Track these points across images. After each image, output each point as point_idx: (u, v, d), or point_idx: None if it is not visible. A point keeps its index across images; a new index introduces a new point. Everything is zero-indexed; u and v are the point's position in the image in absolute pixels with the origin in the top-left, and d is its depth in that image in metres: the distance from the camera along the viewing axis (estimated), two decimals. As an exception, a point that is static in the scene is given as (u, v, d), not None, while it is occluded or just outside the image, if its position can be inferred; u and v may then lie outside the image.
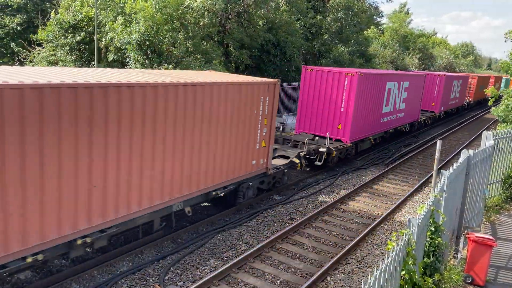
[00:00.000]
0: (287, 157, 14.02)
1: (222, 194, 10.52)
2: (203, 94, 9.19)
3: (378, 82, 17.82)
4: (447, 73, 31.62)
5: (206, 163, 9.74)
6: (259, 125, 11.36)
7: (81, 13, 19.01)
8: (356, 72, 15.87)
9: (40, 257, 6.65)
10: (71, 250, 7.26)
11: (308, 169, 15.38)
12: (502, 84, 52.05)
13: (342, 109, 15.94)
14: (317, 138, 15.90)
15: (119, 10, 17.60)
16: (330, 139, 16.00)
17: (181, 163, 9.01)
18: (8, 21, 31.24)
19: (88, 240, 7.34)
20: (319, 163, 14.83)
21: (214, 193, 10.25)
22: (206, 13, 18.61)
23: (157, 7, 15.67)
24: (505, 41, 17.02)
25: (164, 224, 9.43)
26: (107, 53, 18.00)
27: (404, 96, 21.46)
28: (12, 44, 22.56)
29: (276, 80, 11.82)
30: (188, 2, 17.60)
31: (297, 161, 13.98)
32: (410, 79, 21.77)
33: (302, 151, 14.49)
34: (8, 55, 31.22)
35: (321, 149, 14.98)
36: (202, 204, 11.42)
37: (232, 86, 10.02)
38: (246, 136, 10.95)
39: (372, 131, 18.31)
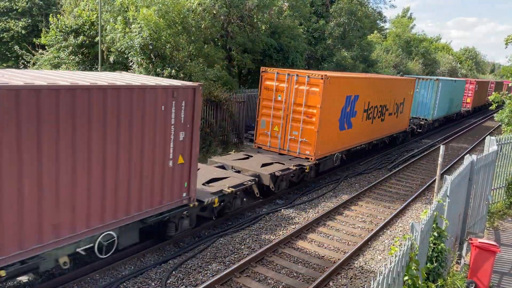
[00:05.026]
0: None
1: None
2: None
3: None
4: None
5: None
6: None
7: (82, 18, 19.10)
8: None
9: None
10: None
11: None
12: None
13: None
14: None
15: (119, 12, 17.66)
16: None
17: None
18: (12, 24, 31.42)
19: None
20: None
21: None
22: (207, 15, 18.66)
23: (160, 14, 15.74)
24: (506, 47, 17.04)
25: None
26: (109, 55, 18.07)
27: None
28: (16, 48, 22.63)
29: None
30: (189, 5, 17.67)
31: None
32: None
33: None
34: (13, 59, 31.38)
35: None
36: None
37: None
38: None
39: None
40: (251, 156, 13.83)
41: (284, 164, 13.28)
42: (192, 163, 9.14)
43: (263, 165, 12.98)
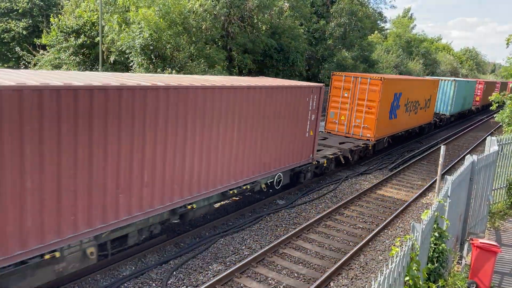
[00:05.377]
0: None
1: None
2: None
3: None
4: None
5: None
6: None
7: (82, 19, 19.09)
8: None
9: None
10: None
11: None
12: None
13: None
14: None
15: (118, 11, 17.67)
16: None
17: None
18: (13, 25, 31.44)
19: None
20: None
21: None
22: (208, 16, 18.69)
23: (160, 14, 15.76)
24: (507, 47, 17.05)
25: None
26: (109, 55, 18.09)
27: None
28: (17, 49, 22.68)
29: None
30: (190, 6, 17.69)
31: None
32: None
33: None
34: (14, 60, 31.39)
35: None
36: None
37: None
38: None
39: None
40: (327, 138, 18.11)
41: (353, 143, 17.52)
42: (316, 135, 13.81)
43: (340, 143, 17.22)
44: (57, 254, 6.64)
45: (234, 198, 12.25)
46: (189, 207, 9.16)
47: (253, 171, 11.14)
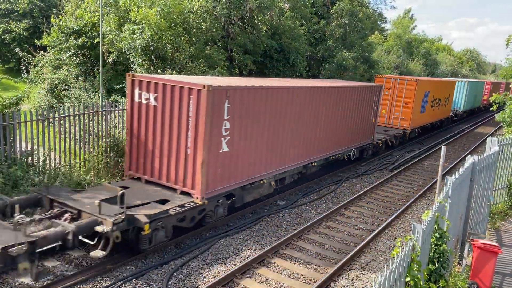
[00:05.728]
0: None
1: None
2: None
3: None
4: None
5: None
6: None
7: (83, 20, 19.06)
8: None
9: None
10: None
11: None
12: None
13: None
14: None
15: (117, 11, 17.64)
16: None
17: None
18: (14, 26, 31.46)
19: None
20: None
21: None
22: (208, 17, 18.68)
23: (161, 15, 15.75)
24: (506, 47, 17.23)
25: None
26: (109, 56, 18.08)
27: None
28: (17, 50, 22.66)
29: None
30: (190, 6, 17.68)
31: None
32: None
33: None
34: (14, 60, 31.42)
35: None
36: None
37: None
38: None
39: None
40: None
41: (395, 131, 21.58)
42: (375, 122, 18.26)
43: (384, 131, 21.16)
44: (265, 181, 11.64)
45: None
46: (312, 164, 13.98)
47: (342, 145, 15.67)
